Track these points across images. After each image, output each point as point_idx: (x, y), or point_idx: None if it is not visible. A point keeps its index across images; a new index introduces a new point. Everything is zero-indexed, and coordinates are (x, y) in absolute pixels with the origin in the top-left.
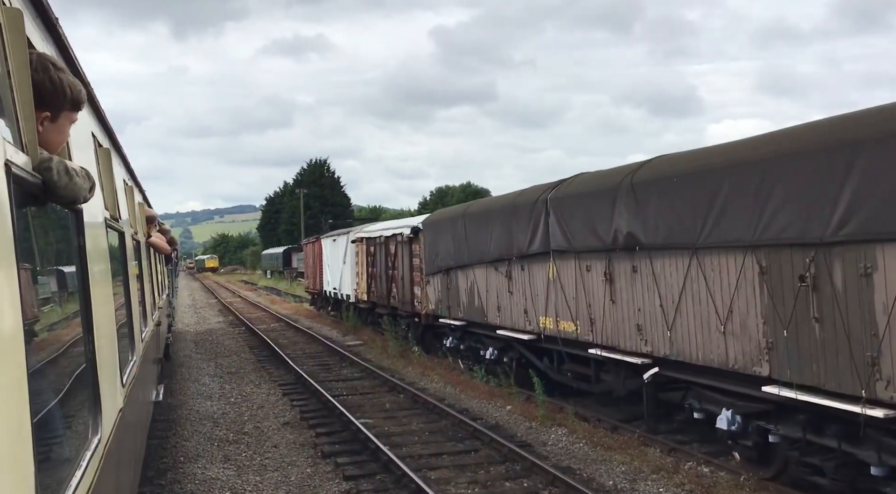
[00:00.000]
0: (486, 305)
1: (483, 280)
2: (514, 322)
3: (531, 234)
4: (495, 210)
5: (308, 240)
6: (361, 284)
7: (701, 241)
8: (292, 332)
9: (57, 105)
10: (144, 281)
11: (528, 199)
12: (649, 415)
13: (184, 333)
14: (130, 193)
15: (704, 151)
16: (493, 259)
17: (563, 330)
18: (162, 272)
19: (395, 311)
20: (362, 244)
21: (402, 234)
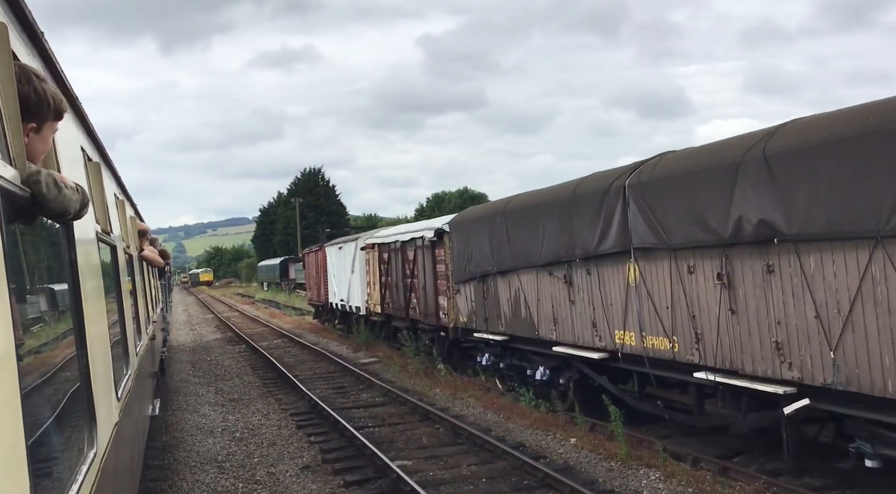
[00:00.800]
0: (536, 317)
1: (532, 287)
2: (577, 337)
3: (601, 230)
4: (547, 204)
5: (310, 250)
6: (374, 295)
7: (892, 227)
8: (297, 349)
9: (41, 115)
10: (138, 294)
11: (594, 188)
12: (793, 459)
13: (179, 353)
14: (122, 207)
15: None
16: (547, 262)
17: (650, 347)
18: (155, 286)
19: (415, 325)
20: (374, 251)
21: (424, 238)
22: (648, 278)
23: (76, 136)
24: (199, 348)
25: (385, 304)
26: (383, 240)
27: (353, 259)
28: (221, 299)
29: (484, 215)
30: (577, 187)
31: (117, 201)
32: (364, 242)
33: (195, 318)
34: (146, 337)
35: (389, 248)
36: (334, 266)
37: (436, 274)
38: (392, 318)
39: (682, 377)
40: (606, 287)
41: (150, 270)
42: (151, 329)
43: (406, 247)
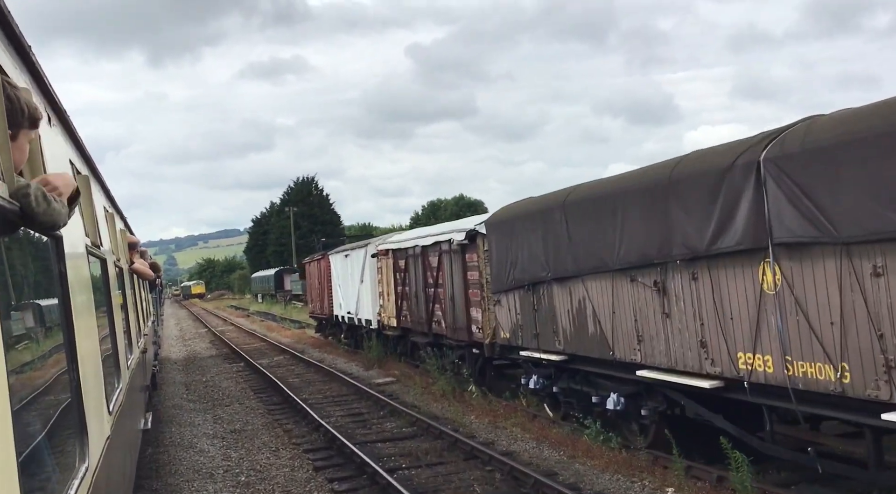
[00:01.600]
0: (609, 333)
1: (604, 296)
2: (674, 359)
3: (718, 222)
4: (629, 192)
5: (311, 258)
6: (388, 307)
7: None
8: (302, 367)
9: (16, 123)
10: (129, 308)
11: (706, 167)
12: None
13: (171, 372)
14: (111, 220)
15: None
16: (628, 265)
17: (800, 376)
18: (146, 299)
19: (438, 340)
20: (388, 258)
21: (452, 242)
22: (798, 283)
23: (65, 150)
24: (193, 366)
25: (402, 317)
26: (400, 246)
27: (363, 267)
28: (215, 312)
29: (534, 211)
30: (676, 167)
31: (107, 214)
32: (376, 248)
33: (188, 333)
34: (137, 351)
35: (407, 254)
36: (339, 275)
37: (466, 283)
38: (410, 333)
39: (859, 418)
40: (725, 295)
41: (140, 283)
42: (143, 342)
43: (428, 253)
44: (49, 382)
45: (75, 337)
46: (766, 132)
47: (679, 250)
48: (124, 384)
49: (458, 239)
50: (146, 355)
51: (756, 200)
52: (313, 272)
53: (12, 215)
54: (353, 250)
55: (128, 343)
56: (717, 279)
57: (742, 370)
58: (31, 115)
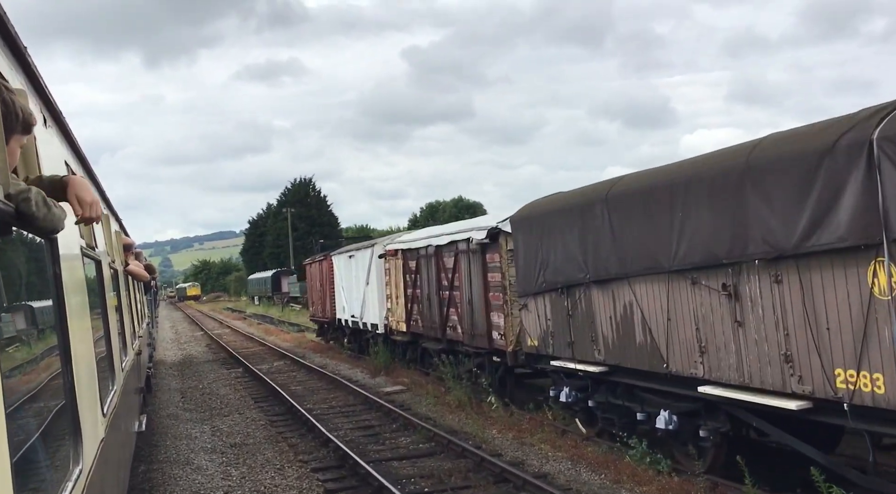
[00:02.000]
0: (663, 342)
1: (657, 301)
2: (749, 375)
3: (814, 213)
4: (691, 181)
5: (312, 260)
6: (397, 311)
7: None
8: (304, 374)
9: (9, 127)
10: (123, 309)
11: (797, 149)
12: None
13: (166, 378)
14: (106, 222)
15: None
16: (690, 265)
17: None
18: (141, 301)
19: (453, 347)
20: (397, 259)
21: (471, 240)
22: None
23: (60, 151)
24: (188, 372)
25: (412, 322)
26: (411, 246)
27: (369, 268)
28: (210, 314)
29: (569, 206)
30: (754, 151)
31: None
32: (384, 248)
33: (183, 336)
34: (132, 353)
35: (419, 255)
36: (343, 277)
37: (487, 286)
38: (421, 338)
39: None
40: (819, 301)
41: (135, 285)
42: (137, 344)
43: (442, 253)
44: (43, 384)
45: (70, 339)
46: (876, 106)
47: (758, 248)
48: (118, 386)
49: (478, 237)
50: (140, 357)
51: (867, 187)
52: (314, 274)
53: (7, 216)
54: (358, 251)
55: (122, 345)
56: (809, 282)
57: (841, 390)
58: (25, 120)
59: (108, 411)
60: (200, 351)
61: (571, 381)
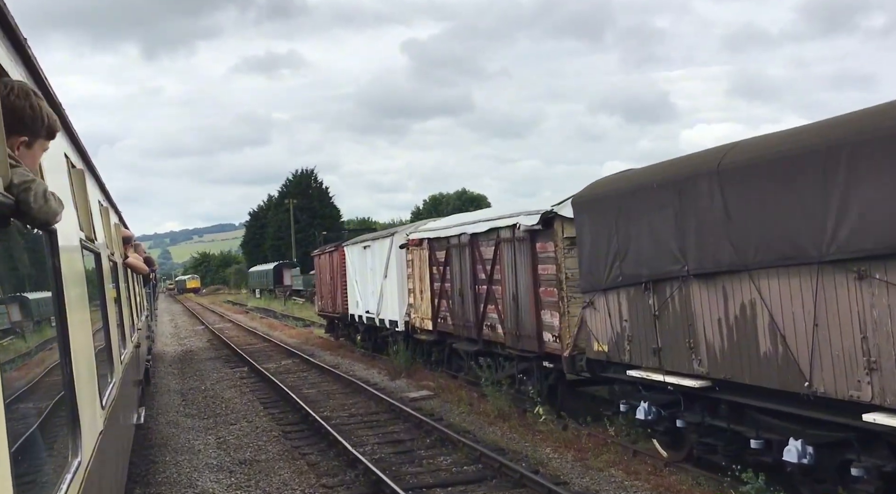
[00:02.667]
0: (805, 354)
1: (797, 299)
2: None
3: None
4: (861, 142)
5: (322, 251)
6: (421, 306)
7: None
8: (316, 374)
9: (34, 131)
10: (122, 302)
11: None
12: None
13: (166, 376)
14: (106, 214)
15: None
16: (858, 253)
17: None
18: (140, 293)
19: (490, 349)
20: (422, 249)
21: (518, 227)
22: None
23: (59, 143)
24: (189, 370)
25: (439, 319)
26: (439, 234)
27: (387, 260)
28: (211, 307)
29: (660, 181)
30: None
31: (101, 208)
32: (406, 237)
33: (183, 330)
34: (131, 345)
35: (449, 244)
36: (357, 269)
37: (537, 279)
38: (450, 338)
39: None
40: None
41: (134, 277)
42: (136, 337)
43: (479, 242)
44: (42, 376)
45: (69, 332)
46: None
47: None
48: (117, 378)
49: (527, 223)
50: (140, 350)
51: None
52: (324, 266)
53: (6, 208)
54: (374, 240)
55: (121, 337)
56: None
57: None
58: (50, 126)
59: (107, 403)
60: (201, 347)
61: (652, 395)
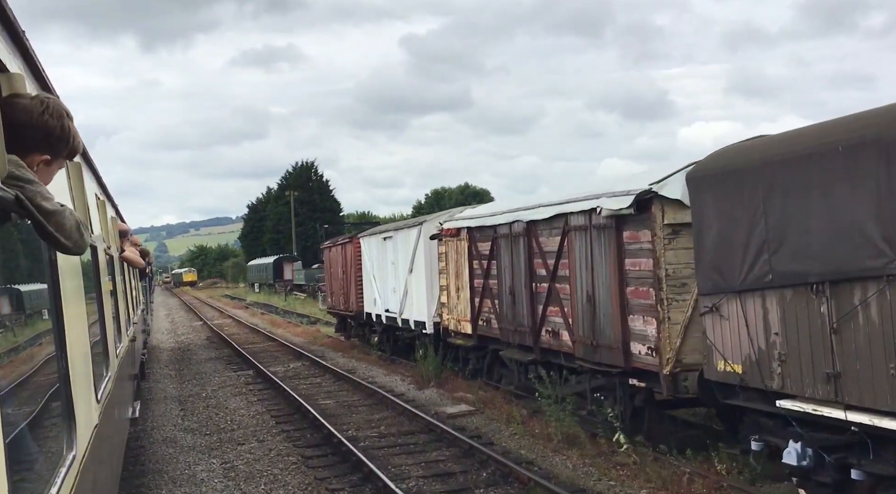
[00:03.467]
0: None
1: None
2: None
3: None
4: None
5: (334, 243)
6: (457, 306)
7: None
8: (330, 381)
9: (58, 151)
10: (118, 296)
11: None
12: None
13: (162, 380)
14: (103, 208)
15: None
16: None
17: None
18: (136, 287)
19: (549, 358)
20: (459, 240)
21: (599, 211)
22: None
23: None
24: (188, 373)
25: (481, 321)
26: (482, 222)
27: (413, 253)
28: (209, 302)
29: (853, 140)
30: None
31: (98, 202)
32: (438, 227)
33: (181, 326)
34: (126, 339)
35: (496, 234)
36: (375, 263)
37: (623, 276)
38: (493, 344)
39: None
40: None
41: (130, 271)
42: (132, 331)
43: (538, 231)
44: (38, 370)
45: (65, 325)
46: None
47: None
48: (113, 372)
49: (612, 207)
50: (135, 344)
51: None
52: (336, 259)
53: (7, 204)
54: (397, 231)
55: (117, 332)
56: None
57: None
58: (73, 148)
59: (103, 397)
60: (200, 345)
61: (811, 434)
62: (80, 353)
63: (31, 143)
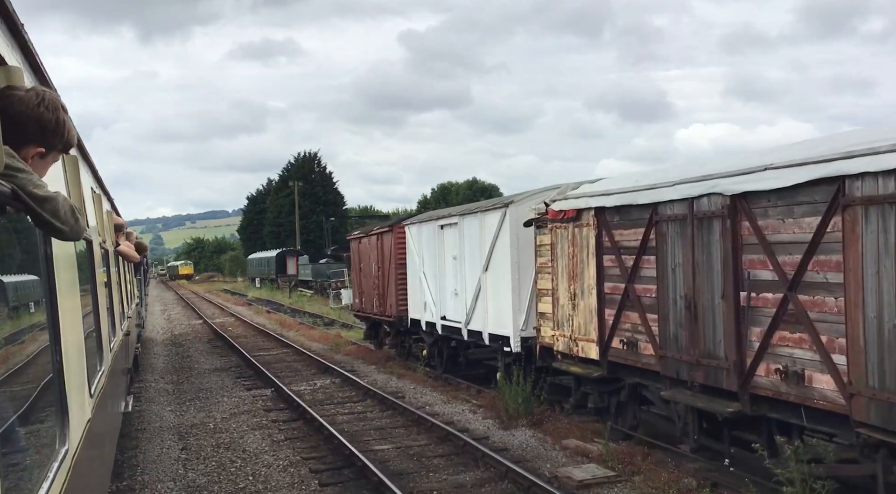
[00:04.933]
0: None
1: None
2: None
3: None
4: None
5: (366, 232)
6: (571, 319)
7: None
8: (377, 410)
9: (52, 144)
10: (113, 290)
11: None
12: None
13: (158, 399)
14: (98, 201)
15: None
16: None
17: None
18: (131, 281)
19: (762, 411)
20: (578, 225)
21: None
22: None
23: None
24: (189, 389)
25: (619, 343)
26: (627, 199)
27: (492, 244)
28: (207, 297)
29: None
30: None
31: (94, 195)
32: (533, 209)
33: (178, 325)
34: (121, 333)
35: (658, 217)
36: (426, 258)
37: None
38: (638, 376)
39: None
40: None
41: (125, 265)
42: (126, 325)
43: (756, 208)
44: (31, 363)
45: (59, 320)
46: None
47: None
48: (106, 366)
49: None
50: (129, 338)
51: None
52: (367, 252)
53: (3, 197)
54: (463, 216)
55: (111, 326)
56: None
57: None
58: (68, 141)
59: (96, 392)
60: (202, 350)
61: None
62: (74, 347)
63: (26, 136)
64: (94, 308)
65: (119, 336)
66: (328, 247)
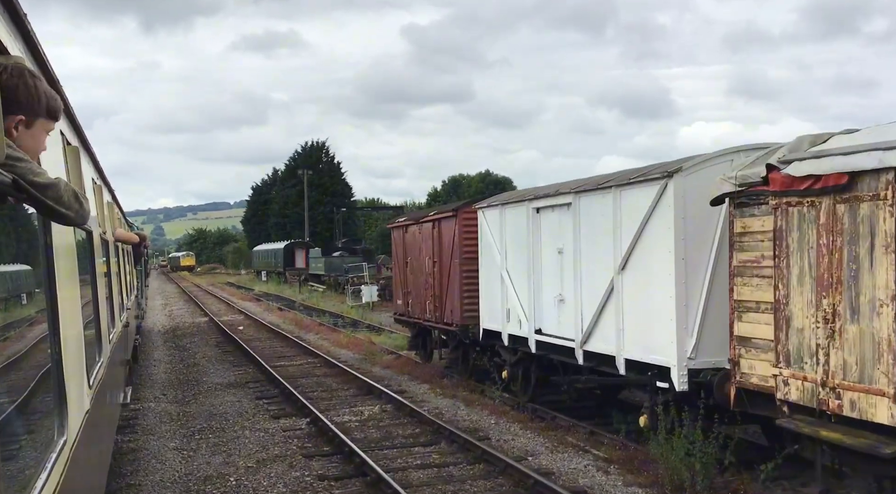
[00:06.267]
0: None
1: None
2: None
3: None
4: None
5: (416, 219)
6: (830, 351)
7: None
8: (460, 461)
9: (32, 111)
10: (112, 280)
11: None
12: None
13: (159, 430)
14: (99, 192)
15: None
16: None
17: None
18: (130, 271)
19: None
20: (870, 197)
21: None
22: None
23: None
24: (199, 414)
25: None
26: None
27: (638, 233)
28: (211, 290)
29: None
30: None
31: (94, 186)
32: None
33: (181, 322)
34: (120, 324)
35: None
36: (509, 252)
37: None
38: None
39: None
40: None
41: (125, 257)
42: (125, 316)
43: None
44: (30, 354)
45: (58, 311)
46: None
47: None
48: (105, 357)
49: None
50: (128, 329)
51: None
52: (418, 244)
53: (4, 187)
54: (581, 193)
55: (110, 317)
56: None
57: None
58: (50, 106)
59: (95, 383)
60: (210, 357)
61: None
62: (73, 339)
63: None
64: (93, 298)
65: (118, 327)
66: (339, 239)
